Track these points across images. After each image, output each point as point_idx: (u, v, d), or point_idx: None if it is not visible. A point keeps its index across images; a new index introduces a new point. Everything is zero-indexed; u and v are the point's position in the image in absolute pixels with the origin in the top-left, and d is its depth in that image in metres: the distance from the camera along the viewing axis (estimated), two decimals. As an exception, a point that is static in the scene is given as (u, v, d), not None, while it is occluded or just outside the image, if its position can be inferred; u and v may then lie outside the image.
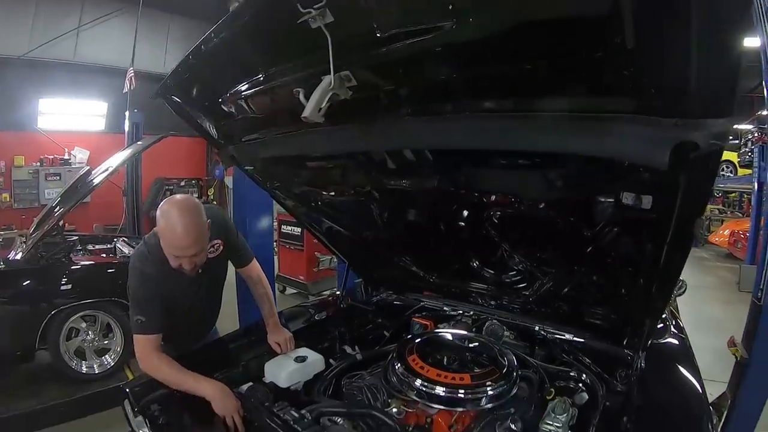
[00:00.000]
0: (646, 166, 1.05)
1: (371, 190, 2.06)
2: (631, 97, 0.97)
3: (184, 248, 1.78)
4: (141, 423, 1.90)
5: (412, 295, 2.70)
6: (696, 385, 1.66)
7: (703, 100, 0.84)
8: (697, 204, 1.11)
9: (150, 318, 1.85)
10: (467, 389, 1.69)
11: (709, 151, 0.87)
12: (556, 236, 1.84)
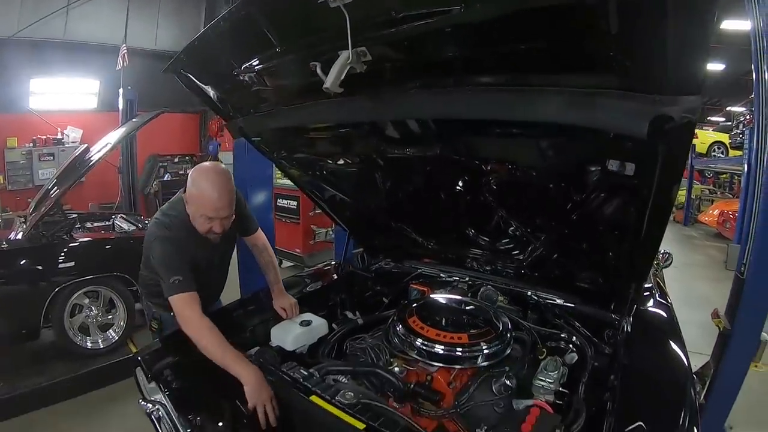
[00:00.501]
0: (628, 135, 1.14)
1: (376, 158, 2.12)
2: (615, 75, 1.07)
3: (219, 209, 1.89)
4: (155, 389, 1.98)
5: (410, 262, 2.80)
6: (680, 351, 1.74)
7: (676, 79, 0.97)
8: (674, 171, 1.23)
9: (186, 276, 1.86)
10: (465, 348, 1.79)
11: (682, 123, 0.99)
12: (547, 202, 1.93)
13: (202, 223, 1.93)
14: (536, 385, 1.75)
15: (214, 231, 1.95)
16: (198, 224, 1.95)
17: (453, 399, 1.76)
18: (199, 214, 1.92)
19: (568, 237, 2.05)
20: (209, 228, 1.94)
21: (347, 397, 1.56)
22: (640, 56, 1.00)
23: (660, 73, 0.98)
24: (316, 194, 2.56)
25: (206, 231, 1.96)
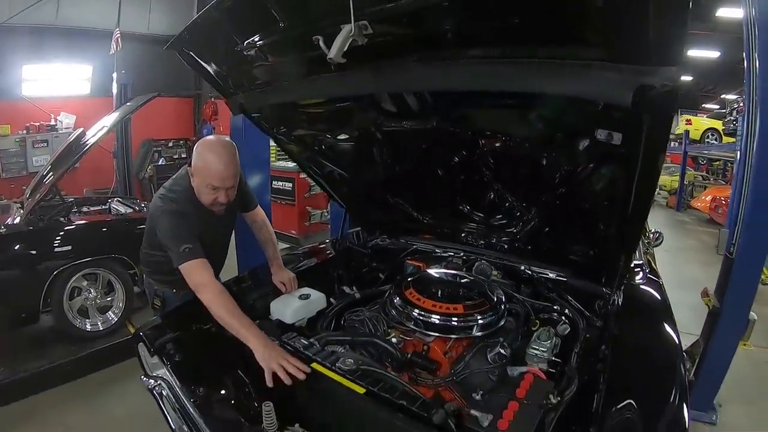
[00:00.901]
0: (614, 105, 1.20)
1: (374, 132, 2.16)
2: (601, 47, 1.13)
3: (225, 179, 1.94)
4: (157, 365, 2.01)
5: (406, 238, 2.85)
6: (670, 326, 1.79)
7: (657, 51, 1.02)
8: (660, 140, 1.27)
9: (195, 245, 1.89)
10: (460, 318, 1.85)
11: (664, 92, 1.04)
12: (539, 175, 1.98)
13: (208, 194, 1.97)
14: (530, 353, 1.80)
15: (220, 201, 1.99)
16: (204, 196, 1.99)
17: (449, 368, 1.81)
18: (204, 184, 1.96)
19: (559, 209, 2.10)
20: (214, 198, 1.98)
21: (347, 364, 1.61)
22: (624, 29, 1.05)
23: (642, 45, 1.03)
24: (315, 170, 2.60)
25: (211, 202, 2.00)
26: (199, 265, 1.86)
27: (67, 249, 3.58)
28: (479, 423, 1.38)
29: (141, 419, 2.93)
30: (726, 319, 3.08)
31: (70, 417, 3.03)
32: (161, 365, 2.04)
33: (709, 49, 14.33)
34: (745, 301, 3.04)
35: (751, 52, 2.73)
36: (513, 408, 1.44)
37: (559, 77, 1.21)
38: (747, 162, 2.91)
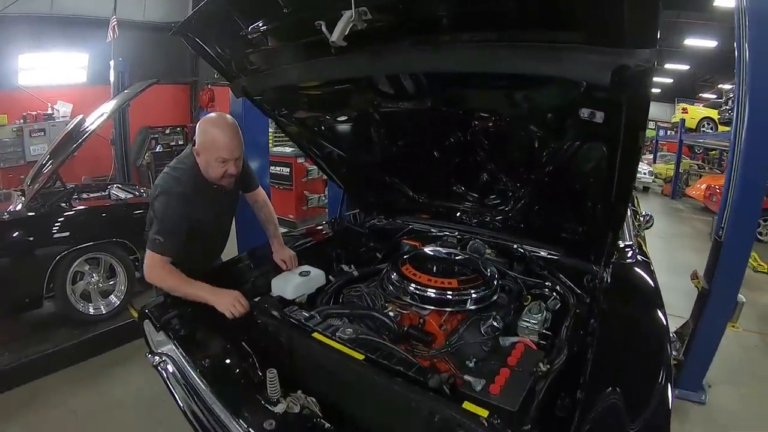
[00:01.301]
0: (595, 84, 1.27)
1: (372, 112, 2.21)
2: (582, 31, 1.21)
3: (233, 150, 2.00)
4: (163, 341, 2.08)
5: (402, 218, 2.94)
6: (657, 305, 1.86)
7: (633, 34, 1.11)
8: (639, 117, 1.35)
9: (167, 240, 1.96)
10: (455, 292, 1.92)
11: (639, 72, 1.13)
12: (528, 153, 2.04)
13: (217, 168, 2.02)
14: (521, 326, 1.88)
15: (230, 173, 2.05)
16: (212, 170, 2.04)
17: (444, 340, 1.89)
18: (213, 158, 2.00)
19: (548, 188, 2.17)
20: (224, 171, 2.03)
21: (347, 333, 1.69)
22: (601, 15, 1.13)
23: (619, 30, 1.11)
24: (314, 151, 2.65)
25: (221, 175, 2.05)
26: (157, 260, 1.97)
27: (69, 234, 3.61)
28: (472, 387, 1.45)
29: (144, 400, 3.05)
30: (714, 301, 3.17)
31: (74, 400, 3.07)
32: (166, 341, 2.11)
33: (707, 38, 14.36)
34: (733, 283, 3.14)
35: (742, 42, 2.80)
36: (505, 374, 1.51)
37: (543, 59, 1.29)
38: (736, 149, 2.98)
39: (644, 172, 14.10)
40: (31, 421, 2.84)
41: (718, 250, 3.12)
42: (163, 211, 1.99)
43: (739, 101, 2.92)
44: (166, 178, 2.08)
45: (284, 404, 1.53)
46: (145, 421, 2.87)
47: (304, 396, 1.55)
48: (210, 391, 1.66)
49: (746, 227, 3.07)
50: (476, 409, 1.32)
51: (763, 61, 2.73)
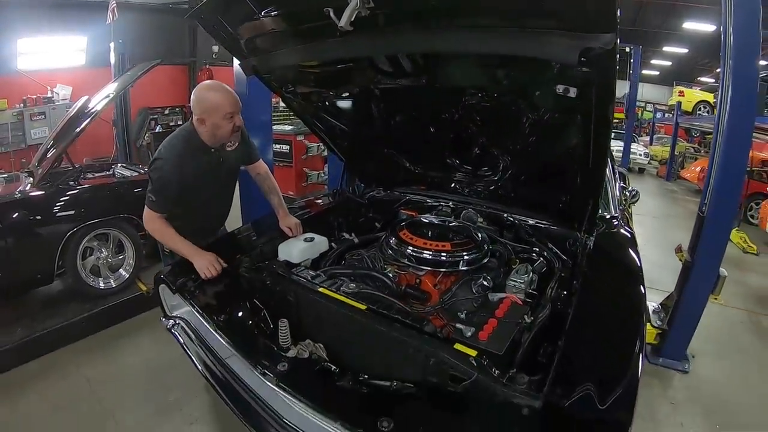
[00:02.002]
0: (565, 63, 1.43)
1: (372, 89, 2.35)
2: (555, 18, 1.36)
3: (235, 102, 2.20)
4: (177, 305, 2.23)
5: (399, 189, 3.11)
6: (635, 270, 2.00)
7: (595, 20, 1.27)
8: (607, 92, 1.50)
9: (158, 199, 2.20)
10: (448, 254, 2.08)
11: (602, 53, 1.29)
12: (515, 126, 2.18)
13: (227, 125, 2.21)
14: (509, 284, 2.05)
15: (237, 125, 2.24)
16: (224, 129, 2.22)
17: (438, 298, 2.05)
18: (221, 117, 2.18)
19: (533, 158, 2.32)
20: (232, 126, 2.22)
21: (350, 288, 1.86)
22: (569, 4, 1.31)
23: (584, 17, 1.28)
24: (317, 125, 2.79)
25: (231, 132, 2.24)
26: (153, 215, 2.23)
27: (79, 211, 3.70)
28: (463, 334, 1.61)
29: (155, 367, 3.19)
30: (697, 272, 3.33)
31: (87, 369, 3.17)
32: (181, 305, 2.27)
33: (706, 22, 14.36)
34: (715, 256, 3.29)
35: (727, 26, 2.93)
36: (492, 324, 1.66)
37: (522, 42, 1.45)
38: (719, 129, 3.13)
39: (640, 154, 14.22)
40: (46, 391, 2.93)
41: (701, 225, 3.29)
42: (155, 174, 2.20)
43: (723, 83, 3.06)
44: (163, 145, 2.28)
45: (294, 350, 1.69)
46: (156, 386, 2.99)
47: (312, 343, 1.71)
48: (226, 343, 1.80)
49: (727, 204, 3.22)
50: (466, 349, 1.48)
51: (746, 47, 2.88)
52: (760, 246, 6.90)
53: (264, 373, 1.58)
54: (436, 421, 1.34)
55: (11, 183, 4.06)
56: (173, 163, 2.19)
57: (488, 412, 1.34)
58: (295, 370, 1.62)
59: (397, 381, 1.54)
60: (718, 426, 2.85)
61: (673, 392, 3.22)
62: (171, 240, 2.23)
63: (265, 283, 2.07)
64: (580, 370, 1.43)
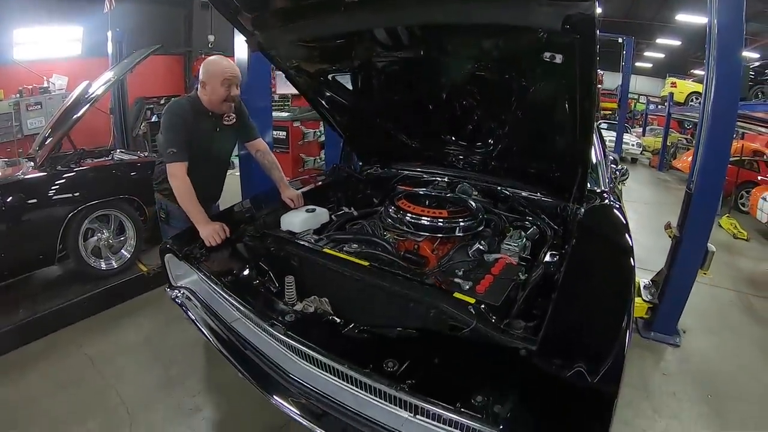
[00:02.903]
0: (550, 30, 1.52)
1: (372, 63, 2.42)
2: None
3: (233, 73, 2.40)
4: (184, 274, 2.30)
5: (396, 165, 3.20)
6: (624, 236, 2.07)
7: None
8: (590, 57, 1.58)
9: (177, 149, 2.33)
10: (445, 220, 2.16)
11: (583, 19, 1.37)
12: (507, 97, 2.25)
13: (222, 90, 2.37)
14: (503, 248, 2.14)
15: (232, 94, 2.39)
16: (219, 93, 2.38)
17: (436, 263, 2.12)
18: (218, 82, 2.36)
19: (524, 129, 2.40)
20: (228, 92, 2.37)
21: (352, 248, 1.93)
22: None
23: None
24: (319, 101, 2.86)
25: (225, 96, 2.38)
26: (178, 166, 2.34)
27: (80, 192, 3.72)
28: (461, 287, 1.69)
29: (157, 345, 3.25)
30: (686, 248, 3.45)
31: (90, 348, 3.19)
32: (186, 275, 2.33)
33: (699, 14, 14.43)
34: (702, 231, 3.41)
35: (712, 19, 3.11)
36: (488, 280, 1.75)
37: (510, 11, 1.53)
38: (705, 109, 3.27)
39: (632, 144, 14.35)
40: (49, 370, 2.95)
41: (689, 201, 3.41)
42: (168, 126, 2.36)
43: (708, 68, 3.22)
44: (174, 104, 2.44)
45: (300, 305, 1.75)
46: (158, 363, 3.05)
47: (318, 298, 1.78)
48: (235, 302, 1.86)
49: (713, 180, 3.34)
50: (465, 298, 1.56)
51: (729, 33, 3.05)
52: (751, 232, 7.04)
53: (272, 324, 1.63)
54: (439, 362, 1.40)
55: (13, 167, 4.07)
56: (181, 110, 2.38)
57: (487, 353, 1.41)
58: (302, 321, 1.68)
59: (400, 329, 1.60)
60: (709, 396, 2.96)
61: (665, 364, 3.33)
62: (189, 200, 2.31)
63: (269, 248, 2.13)
64: (574, 318, 1.52)
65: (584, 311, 1.55)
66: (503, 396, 1.19)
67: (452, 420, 1.24)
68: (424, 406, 1.29)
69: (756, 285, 5.03)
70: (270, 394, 1.69)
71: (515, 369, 1.27)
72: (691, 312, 3.73)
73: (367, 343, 1.54)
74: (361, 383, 1.45)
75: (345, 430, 1.50)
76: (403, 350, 1.42)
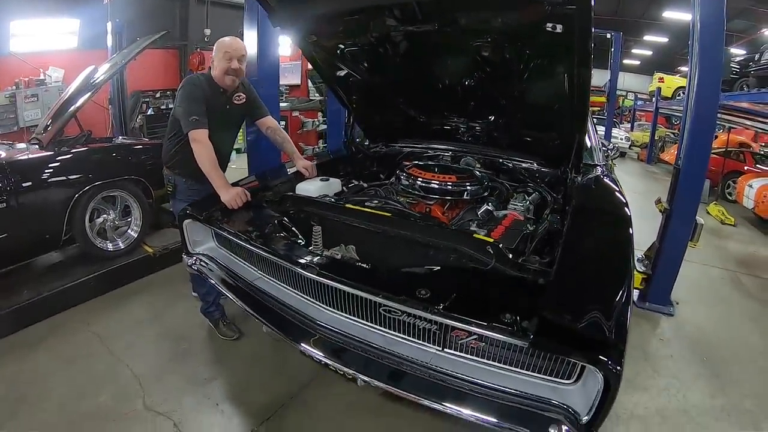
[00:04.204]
0: (554, 2, 1.67)
1: (385, 37, 2.50)
2: None
3: (236, 47, 2.52)
4: (203, 240, 2.38)
5: (402, 141, 3.33)
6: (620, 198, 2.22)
7: None
8: (586, 25, 1.71)
9: (199, 115, 2.43)
10: (454, 184, 2.28)
11: None
12: (508, 70, 2.37)
13: (225, 64, 2.51)
14: (510, 207, 2.27)
15: (233, 67, 2.51)
16: (222, 67, 2.51)
17: (448, 223, 2.24)
18: (221, 56, 2.51)
19: (525, 99, 2.53)
20: (229, 64, 2.49)
21: (373, 203, 2.02)
22: None
23: None
24: (333, 75, 2.98)
25: (226, 68, 2.50)
26: (200, 132, 2.43)
27: (87, 172, 3.75)
28: (477, 233, 1.79)
29: (165, 321, 3.29)
30: (676, 220, 3.64)
31: (98, 326, 3.21)
32: (203, 242, 2.40)
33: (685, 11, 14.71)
34: (691, 203, 3.61)
35: (695, 14, 3.30)
36: (500, 229, 1.88)
37: None
38: (690, 94, 3.48)
39: (621, 138, 14.62)
40: (56, 348, 2.96)
41: (677, 175, 3.59)
42: (188, 97, 2.46)
43: (691, 57, 3.41)
44: (189, 79, 2.56)
45: (329, 252, 1.83)
46: (168, 338, 3.10)
47: (344, 246, 1.86)
48: (263, 251, 1.94)
49: (699, 155, 3.54)
50: (483, 238, 1.67)
51: (711, 24, 3.23)
52: (737, 218, 7.28)
53: (305, 266, 1.71)
54: (466, 292, 1.51)
55: (18, 149, 4.03)
56: (198, 82, 2.55)
57: (508, 285, 1.52)
58: (333, 263, 1.76)
59: (426, 268, 1.69)
60: (705, 358, 3.12)
61: (661, 331, 3.50)
62: (211, 165, 2.40)
63: (289, 211, 2.22)
64: (583, 254, 1.66)
65: (592, 249, 1.67)
66: (529, 315, 1.30)
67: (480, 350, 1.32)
68: (456, 326, 1.39)
69: (744, 264, 5.24)
70: (298, 343, 1.77)
71: (535, 295, 1.38)
72: (683, 286, 3.92)
73: (397, 278, 1.63)
74: (389, 321, 1.53)
75: (374, 369, 1.59)
76: (432, 284, 1.51)
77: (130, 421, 2.35)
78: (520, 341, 1.28)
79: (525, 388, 1.43)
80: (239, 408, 2.47)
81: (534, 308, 1.31)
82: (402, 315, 1.52)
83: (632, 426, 2.43)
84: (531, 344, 1.25)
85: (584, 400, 1.34)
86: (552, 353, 1.31)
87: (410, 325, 1.54)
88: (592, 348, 1.20)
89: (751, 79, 7.51)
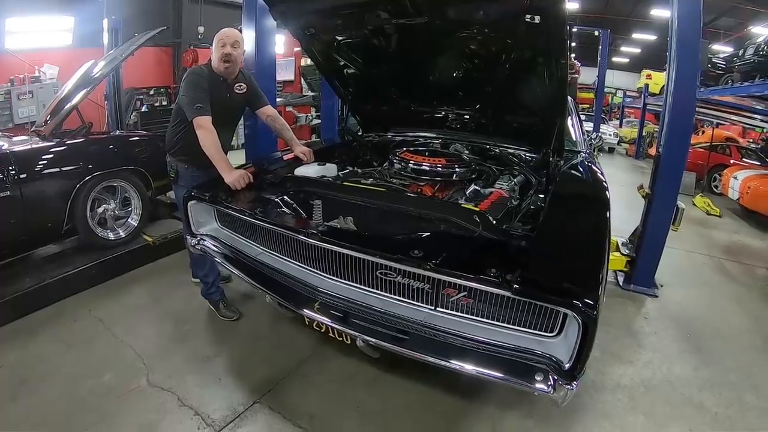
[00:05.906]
0: None
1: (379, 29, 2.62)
2: None
3: (229, 36, 2.62)
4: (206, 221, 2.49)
5: (395, 130, 3.47)
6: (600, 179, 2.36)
7: None
8: (559, 18, 1.90)
9: (203, 103, 2.53)
10: (444, 167, 2.42)
11: None
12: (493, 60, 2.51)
13: (219, 51, 2.61)
14: (496, 186, 2.40)
15: (226, 52, 2.60)
16: (217, 54, 2.61)
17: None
18: (216, 43, 2.64)
19: (510, 84, 2.66)
20: (223, 50, 2.60)
21: (368, 181, 2.15)
22: None
23: None
24: (330, 67, 3.12)
25: (221, 55, 2.61)
26: (205, 119, 2.53)
27: (88, 162, 3.79)
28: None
29: (166, 307, 3.36)
30: (657, 204, 3.81)
31: (101, 312, 3.25)
32: (206, 223, 2.50)
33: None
34: (671, 188, 3.78)
35: (673, 9, 3.50)
36: (487, 203, 2.01)
37: None
38: (669, 85, 3.69)
39: (610, 134, 14.83)
40: (59, 332, 3.00)
41: (659, 161, 3.77)
42: (191, 85, 2.57)
43: (670, 52, 3.64)
44: (190, 69, 2.67)
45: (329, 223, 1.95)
46: (170, 320, 3.17)
47: (343, 218, 1.99)
48: (267, 224, 2.07)
49: (678, 142, 3.72)
50: (471, 207, 1.80)
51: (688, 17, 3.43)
52: (723, 210, 7.49)
53: (309, 234, 1.85)
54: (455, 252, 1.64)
55: (20, 141, 4.07)
56: (201, 72, 2.65)
57: (494, 246, 1.65)
58: (333, 231, 1.90)
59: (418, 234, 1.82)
60: (688, 335, 3.26)
61: (645, 310, 3.65)
62: (216, 149, 2.50)
63: (289, 191, 2.34)
64: (564, 220, 1.81)
65: (572, 217, 1.81)
66: (512, 269, 1.42)
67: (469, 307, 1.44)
68: (448, 281, 1.51)
69: (728, 251, 5.44)
70: (301, 309, 1.91)
71: (518, 254, 1.51)
72: (666, 270, 4.07)
73: (393, 242, 1.76)
74: (385, 284, 1.65)
75: (372, 330, 1.72)
76: (424, 246, 1.65)
77: (135, 397, 2.41)
78: (505, 291, 1.40)
79: (512, 342, 1.57)
80: (241, 382, 2.55)
81: (517, 263, 1.43)
82: (397, 276, 1.65)
83: (618, 394, 2.55)
84: (515, 293, 1.38)
85: (566, 350, 1.48)
86: (534, 300, 1.44)
87: (405, 286, 1.66)
88: (570, 294, 1.33)
89: (735, 74, 7.71)
